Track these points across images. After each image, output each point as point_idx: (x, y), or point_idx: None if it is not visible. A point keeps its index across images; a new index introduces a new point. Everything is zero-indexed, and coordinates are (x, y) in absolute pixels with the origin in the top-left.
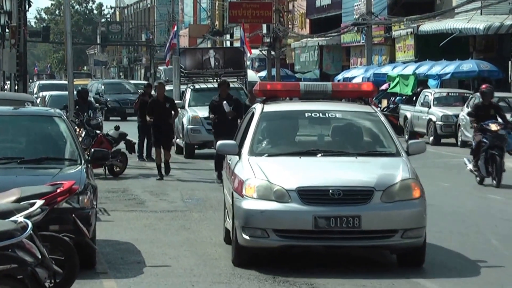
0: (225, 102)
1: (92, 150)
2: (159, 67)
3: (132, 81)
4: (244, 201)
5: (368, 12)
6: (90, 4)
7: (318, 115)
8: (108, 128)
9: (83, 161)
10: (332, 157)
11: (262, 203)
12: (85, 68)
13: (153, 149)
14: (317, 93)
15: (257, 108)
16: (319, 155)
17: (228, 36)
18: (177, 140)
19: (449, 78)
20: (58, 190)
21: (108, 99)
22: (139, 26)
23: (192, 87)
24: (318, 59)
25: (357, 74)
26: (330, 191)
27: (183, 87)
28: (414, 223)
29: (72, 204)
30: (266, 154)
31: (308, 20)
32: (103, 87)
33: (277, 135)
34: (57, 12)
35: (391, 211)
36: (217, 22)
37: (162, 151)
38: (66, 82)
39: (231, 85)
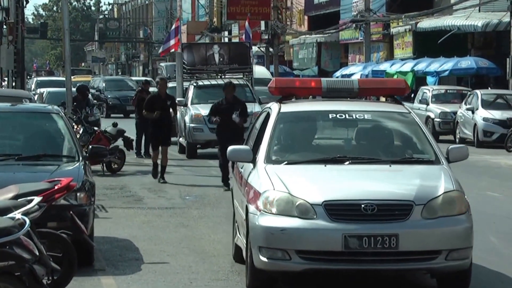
0: (234, 116)
1: (90, 147)
2: (161, 64)
3: (134, 78)
4: (261, 217)
5: (367, 9)
6: (88, 0)
7: (343, 116)
8: (108, 125)
9: (81, 158)
10: (362, 165)
11: (283, 219)
12: (83, 64)
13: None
14: (341, 91)
15: (273, 108)
16: (347, 162)
17: (226, 33)
18: (180, 139)
19: (447, 75)
20: (56, 187)
21: (109, 96)
22: (137, 22)
23: (195, 84)
24: (316, 56)
25: (356, 71)
26: (363, 205)
27: (186, 84)
28: (460, 242)
29: (70, 201)
30: (286, 162)
31: (306, 17)
32: (104, 84)
33: (297, 140)
34: (54, 8)
35: (433, 229)
36: (215, 19)
37: (160, 151)
38: (64, 78)
39: (236, 82)
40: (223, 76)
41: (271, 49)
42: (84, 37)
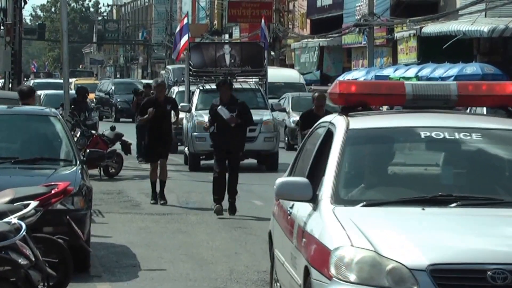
0: (220, 106)
1: (88, 150)
2: (167, 67)
3: (144, 81)
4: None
5: (370, 13)
6: (87, 1)
7: (442, 135)
8: (119, 129)
9: (78, 162)
10: (476, 209)
11: None
12: (81, 66)
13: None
14: (433, 99)
15: (337, 123)
16: (454, 204)
17: (227, 36)
18: (185, 149)
19: (452, 82)
20: (53, 191)
21: (118, 99)
22: (136, 24)
23: (201, 88)
24: (318, 60)
25: (358, 76)
26: (489, 272)
27: (194, 89)
28: None
29: (67, 206)
30: (364, 202)
31: (308, 20)
32: (113, 87)
33: (377, 169)
34: (53, 9)
35: None
36: (216, 22)
37: (159, 164)
38: (61, 80)
39: (246, 86)
40: (233, 80)
41: (272, 53)
42: (82, 39)
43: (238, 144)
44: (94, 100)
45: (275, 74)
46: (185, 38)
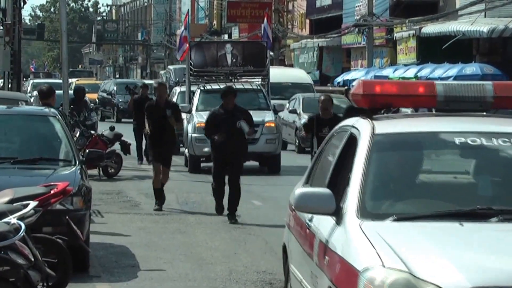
0: (241, 121)
1: (87, 150)
2: (169, 67)
3: (146, 81)
4: None
5: (370, 13)
6: (86, 2)
7: (479, 141)
8: (120, 129)
9: (77, 162)
10: None
11: None
12: (80, 66)
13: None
14: (466, 101)
15: (361, 127)
16: (495, 219)
17: (226, 36)
18: (185, 150)
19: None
20: (52, 192)
21: (120, 100)
22: (135, 24)
23: (202, 88)
24: (317, 60)
25: (358, 76)
26: None
27: (195, 89)
28: None
29: (66, 206)
30: (394, 217)
31: (308, 21)
32: (115, 87)
33: (408, 179)
34: (52, 9)
35: None
36: (215, 22)
37: (161, 170)
38: (60, 81)
39: (248, 87)
40: (235, 80)
41: (271, 53)
42: (81, 39)
43: (239, 154)
44: (97, 100)
45: (283, 74)
46: (186, 37)
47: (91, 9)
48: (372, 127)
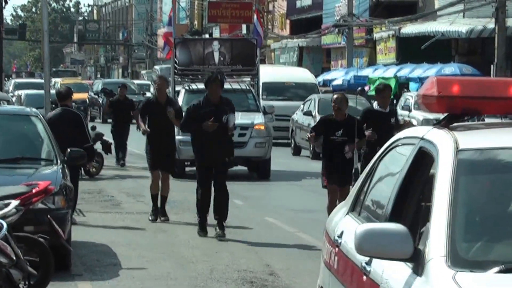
0: (231, 114)
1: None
2: (155, 66)
3: (136, 81)
4: None
5: (349, 14)
6: (68, 2)
7: None
8: (105, 130)
9: (59, 161)
10: None
11: None
12: (61, 66)
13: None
14: None
15: (439, 141)
16: None
17: (207, 36)
18: None
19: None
20: (34, 191)
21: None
22: (116, 25)
23: (187, 88)
24: (297, 61)
25: (338, 76)
26: None
27: (179, 88)
28: None
29: (48, 205)
30: (501, 266)
31: (288, 21)
32: (102, 87)
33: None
34: (33, 9)
35: None
36: (196, 22)
37: (161, 177)
38: (42, 80)
39: (237, 87)
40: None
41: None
42: (63, 39)
43: (224, 157)
44: (87, 100)
45: (285, 73)
46: (171, 33)
47: (72, 9)
48: (455, 140)
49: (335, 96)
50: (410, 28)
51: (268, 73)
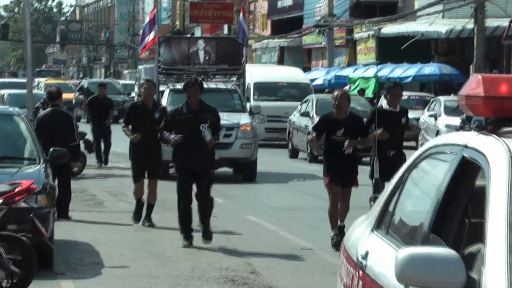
0: (204, 126)
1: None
2: (139, 66)
3: (120, 81)
4: None
5: (330, 14)
6: (50, 2)
7: None
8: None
9: (42, 161)
10: None
11: None
12: (44, 66)
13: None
14: None
15: (489, 150)
16: None
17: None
18: None
19: (410, 81)
20: (17, 190)
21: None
22: (99, 25)
23: (171, 87)
24: (278, 61)
25: (318, 76)
26: None
27: (163, 88)
28: None
29: (31, 204)
30: None
31: (269, 21)
32: (87, 87)
33: None
34: (16, 9)
35: None
36: (177, 22)
37: (148, 185)
38: (25, 80)
39: (222, 87)
40: (208, 79)
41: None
42: (45, 39)
43: (205, 162)
44: (73, 100)
45: (277, 73)
46: (153, 34)
47: (55, 10)
48: (508, 148)
49: (336, 93)
50: (390, 29)
51: (259, 73)
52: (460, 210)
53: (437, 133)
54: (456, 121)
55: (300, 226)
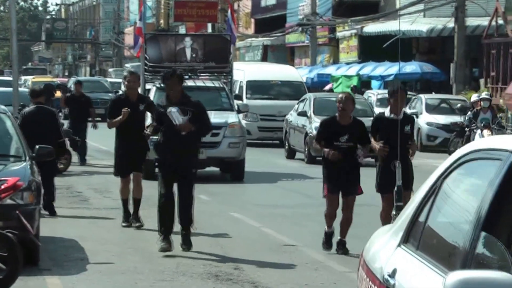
0: (171, 109)
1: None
2: (126, 65)
3: (109, 79)
4: None
5: (313, 13)
6: (36, 0)
7: None
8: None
9: (27, 158)
10: None
11: None
12: (30, 64)
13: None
14: None
15: None
16: None
17: None
18: None
19: (392, 80)
20: (2, 187)
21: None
22: (84, 23)
23: (158, 85)
24: (262, 59)
25: (302, 74)
26: None
27: (150, 86)
28: None
29: (17, 201)
30: None
31: (253, 20)
32: (73, 86)
33: None
34: (1, 8)
35: None
36: (162, 21)
37: (131, 178)
38: (11, 78)
39: (210, 84)
40: (195, 76)
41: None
42: (31, 37)
43: (189, 160)
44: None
45: (270, 71)
46: (140, 23)
47: (40, 8)
48: None
49: (340, 95)
50: (372, 27)
51: (252, 71)
52: (510, 224)
53: (419, 130)
54: (438, 118)
55: (284, 223)
